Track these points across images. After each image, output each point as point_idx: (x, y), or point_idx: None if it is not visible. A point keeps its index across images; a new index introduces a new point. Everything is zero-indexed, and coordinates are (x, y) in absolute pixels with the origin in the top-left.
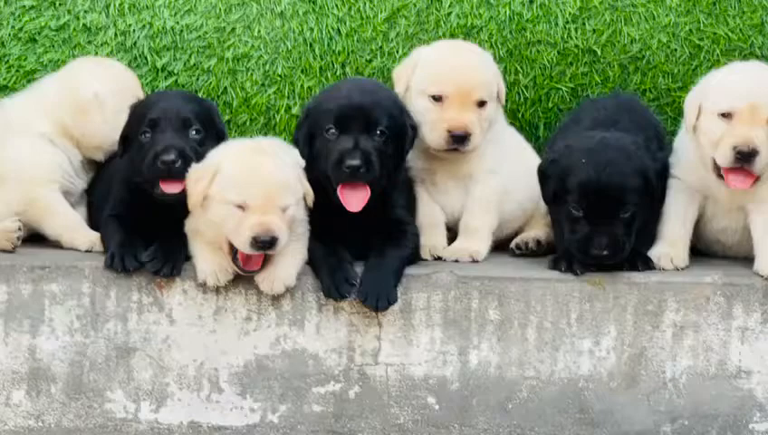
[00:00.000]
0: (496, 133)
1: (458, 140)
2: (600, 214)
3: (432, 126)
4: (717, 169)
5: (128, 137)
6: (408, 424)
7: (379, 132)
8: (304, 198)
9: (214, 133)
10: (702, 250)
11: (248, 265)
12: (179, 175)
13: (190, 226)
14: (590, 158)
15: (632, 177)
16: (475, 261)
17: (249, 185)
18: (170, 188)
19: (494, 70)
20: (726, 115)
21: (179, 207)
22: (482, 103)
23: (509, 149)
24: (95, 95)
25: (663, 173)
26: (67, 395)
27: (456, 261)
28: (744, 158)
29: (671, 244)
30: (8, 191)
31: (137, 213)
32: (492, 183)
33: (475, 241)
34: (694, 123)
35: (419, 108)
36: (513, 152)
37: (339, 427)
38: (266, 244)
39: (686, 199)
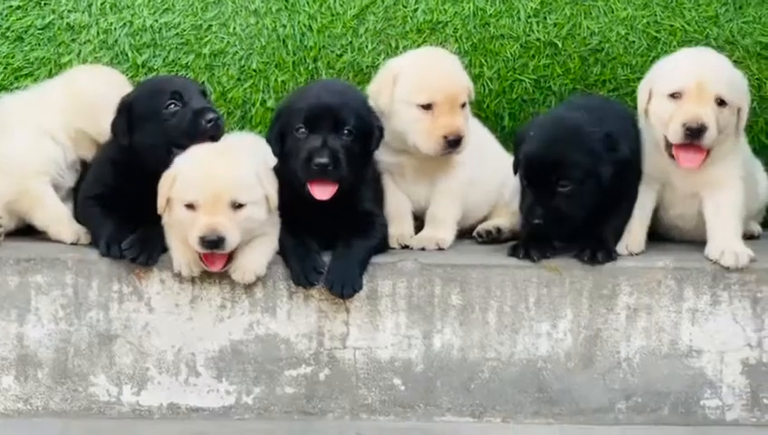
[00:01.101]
0: None
1: (454, 143)
2: (539, 184)
3: (427, 134)
4: (669, 148)
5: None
6: (375, 404)
7: (346, 132)
8: (268, 200)
9: None
10: (662, 235)
11: (212, 265)
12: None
13: (166, 219)
14: (538, 131)
15: (574, 153)
16: (440, 249)
17: (198, 185)
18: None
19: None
20: (675, 95)
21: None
22: (464, 105)
23: (474, 140)
24: (99, 95)
25: (624, 165)
26: (53, 380)
27: (423, 249)
28: (694, 134)
29: (628, 231)
30: (1, 181)
31: (117, 196)
32: (459, 175)
33: (441, 230)
34: (645, 107)
35: (408, 118)
36: (478, 144)
37: (310, 408)
38: (213, 243)
39: (644, 188)
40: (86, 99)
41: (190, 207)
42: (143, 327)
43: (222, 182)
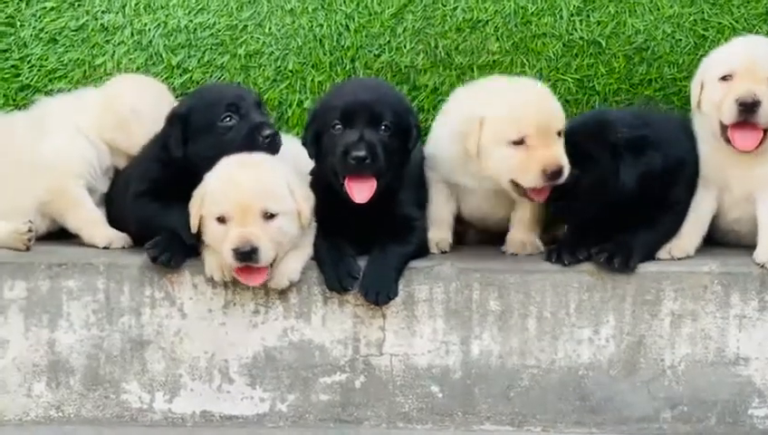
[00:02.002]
0: None
1: (555, 175)
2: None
3: (524, 168)
4: (725, 133)
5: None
6: (412, 412)
7: (383, 127)
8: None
9: None
10: (718, 241)
11: (249, 279)
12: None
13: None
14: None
15: (592, 144)
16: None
17: (228, 196)
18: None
19: None
20: (727, 78)
21: None
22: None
23: None
24: (132, 110)
25: (660, 176)
26: (85, 386)
27: (515, 254)
28: (748, 108)
29: (678, 235)
30: (38, 180)
31: (166, 191)
32: None
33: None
34: (698, 99)
35: (501, 156)
36: None
37: (345, 416)
38: (246, 255)
39: (701, 192)
40: (118, 113)
41: (221, 220)
42: (176, 333)
43: (251, 192)
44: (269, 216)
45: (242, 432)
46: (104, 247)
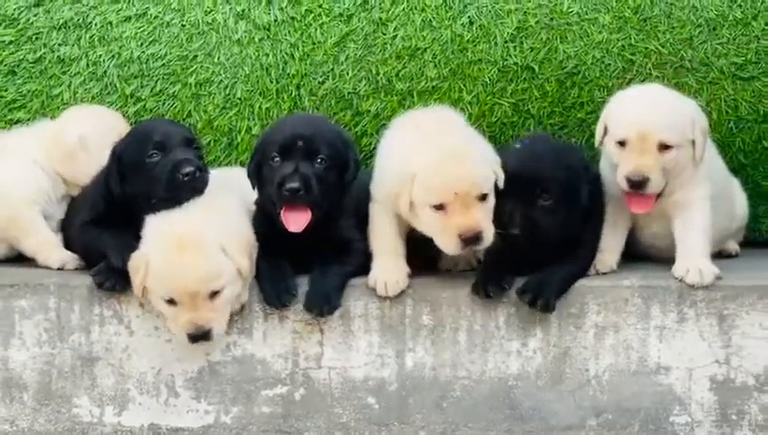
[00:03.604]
0: None
1: (473, 241)
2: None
3: (443, 233)
4: (622, 192)
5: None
6: (350, 423)
7: (319, 160)
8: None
9: None
10: (640, 256)
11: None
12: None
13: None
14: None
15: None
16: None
17: (172, 285)
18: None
19: None
20: (621, 143)
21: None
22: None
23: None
24: (79, 142)
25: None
26: (38, 401)
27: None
28: (636, 185)
29: (599, 250)
30: None
31: (110, 221)
32: None
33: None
34: (601, 141)
35: (426, 219)
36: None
37: (287, 427)
38: (200, 337)
39: (616, 209)
40: (65, 145)
41: (171, 302)
42: (124, 349)
43: (195, 279)
44: (215, 293)
45: None
46: (58, 268)
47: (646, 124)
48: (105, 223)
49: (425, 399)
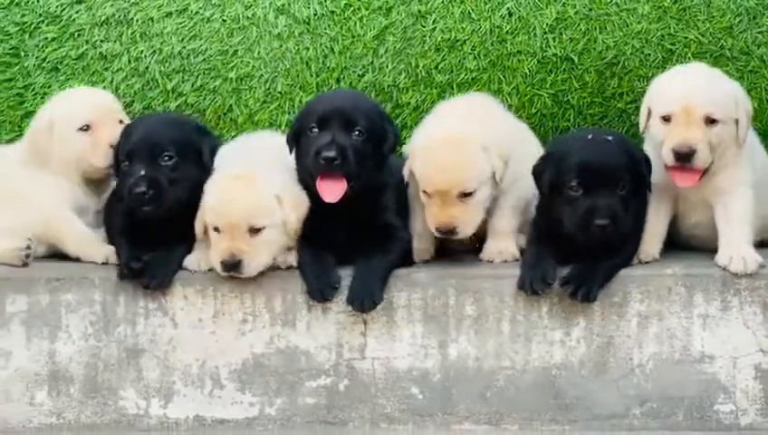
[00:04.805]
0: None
1: (449, 233)
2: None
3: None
4: (667, 168)
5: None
6: (394, 413)
7: (357, 132)
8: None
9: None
10: (683, 245)
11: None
12: None
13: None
14: (587, 142)
15: (622, 155)
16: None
17: (217, 212)
18: None
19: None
20: (666, 118)
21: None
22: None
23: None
24: (48, 122)
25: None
26: (84, 394)
27: (491, 262)
28: (683, 158)
29: (642, 241)
30: (25, 214)
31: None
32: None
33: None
34: (646, 124)
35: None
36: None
37: (331, 418)
38: (231, 266)
39: (658, 199)
40: (34, 128)
41: (217, 230)
42: (168, 342)
43: (238, 209)
44: (255, 230)
45: None
46: (103, 263)
47: (692, 97)
48: (127, 229)
49: (468, 389)
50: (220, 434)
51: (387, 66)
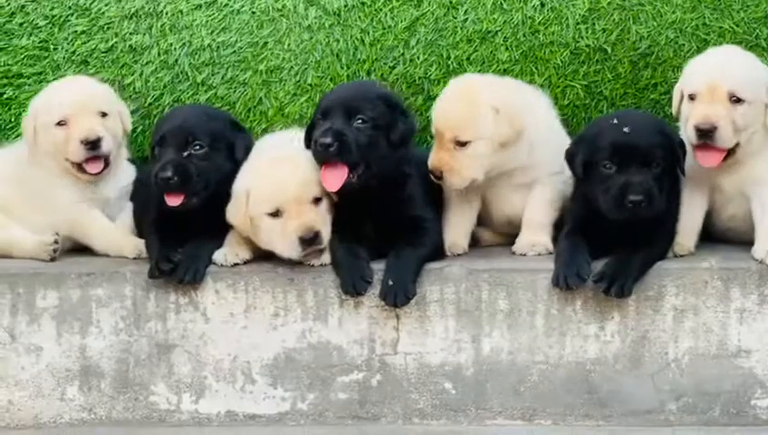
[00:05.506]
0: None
1: (311, 241)
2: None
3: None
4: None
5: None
6: (427, 408)
7: (360, 120)
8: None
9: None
10: (719, 238)
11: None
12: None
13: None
14: (621, 121)
15: (656, 134)
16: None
17: (275, 193)
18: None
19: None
20: (692, 97)
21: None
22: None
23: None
24: (32, 116)
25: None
26: (115, 389)
27: (524, 255)
28: (704, 134)
29: (678, 234)
30: (49, 215)
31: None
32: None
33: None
34: (678, 108)
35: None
36: None
37: (363, 413)
38: (311, 241)
39: (692, 191)
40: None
41: (275, 214)
42: (200, 337)
43: (296, 184)
44: (317, 199)
45: (265, 431)
46: (135, 258)
47: (716, 75)
48: (160, 223)
49: (502, 384)
50: (252, 429)
51: (418, 58)
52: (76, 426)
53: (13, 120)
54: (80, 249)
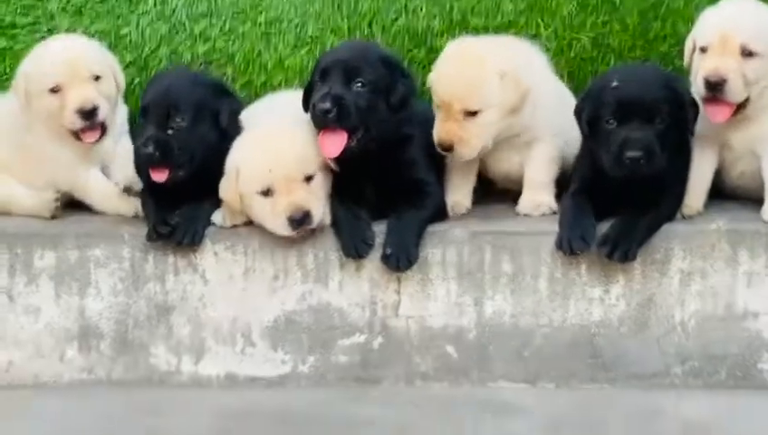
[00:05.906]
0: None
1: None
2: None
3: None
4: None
5: None
6: (429, 371)
7: (359, 83)
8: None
9: None
10: (729, 196)
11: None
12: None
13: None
14: (622, 75)
15: (662, 89)
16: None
17: (265, 170)
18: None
19: None
20: (703, 49)
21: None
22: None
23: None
24: (23, 80)
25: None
26: (114, 350)
27: (527, 215)
28: (714, 87)
29: (686, 194)
30: (48, 174)
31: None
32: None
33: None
34: (689, 61)
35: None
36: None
37: (365, 375)
38: (301, 221)
39: (701, 150)
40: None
41: (265, 193)
42: (199, 298)
43: (289, 162)
44: (309, 178)
45: (266, 393)
46: (134, 216)
47: (728, 27)
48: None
49: (505, 347)
50: (252, 391)
51: (420, 10)
52: (76, 387)
53: (8, 70)
54: (78, 204)
